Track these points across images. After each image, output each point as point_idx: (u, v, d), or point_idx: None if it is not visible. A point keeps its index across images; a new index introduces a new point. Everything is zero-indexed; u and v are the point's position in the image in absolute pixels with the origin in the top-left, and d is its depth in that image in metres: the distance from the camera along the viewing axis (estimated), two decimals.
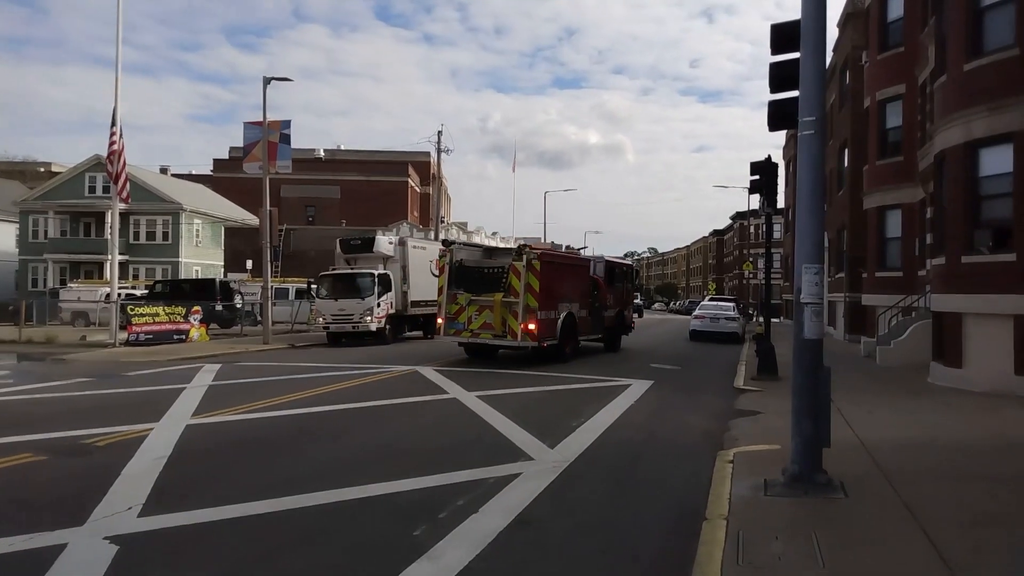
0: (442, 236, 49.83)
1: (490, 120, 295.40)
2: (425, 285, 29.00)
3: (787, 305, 54.74)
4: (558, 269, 20.89)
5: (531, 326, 19.24)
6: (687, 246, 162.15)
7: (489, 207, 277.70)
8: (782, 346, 21.23)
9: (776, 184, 16.49)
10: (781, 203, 55.26)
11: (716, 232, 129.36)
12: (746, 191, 33.07)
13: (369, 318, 26.17)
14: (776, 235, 68.06)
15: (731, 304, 36.39)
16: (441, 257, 20.97)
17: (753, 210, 43.74)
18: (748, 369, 19.23)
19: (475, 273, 20.44)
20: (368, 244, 27.72)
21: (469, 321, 19.99)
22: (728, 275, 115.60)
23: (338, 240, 29.23)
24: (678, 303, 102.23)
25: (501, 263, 20.41)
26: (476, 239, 59.46)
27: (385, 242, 27.83)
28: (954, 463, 8.64)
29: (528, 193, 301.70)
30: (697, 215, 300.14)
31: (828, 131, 36.19)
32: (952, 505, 6.92)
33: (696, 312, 34.39)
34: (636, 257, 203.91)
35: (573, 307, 21.73)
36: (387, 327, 26.84)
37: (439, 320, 20.53)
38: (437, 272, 21.78)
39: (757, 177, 16.49)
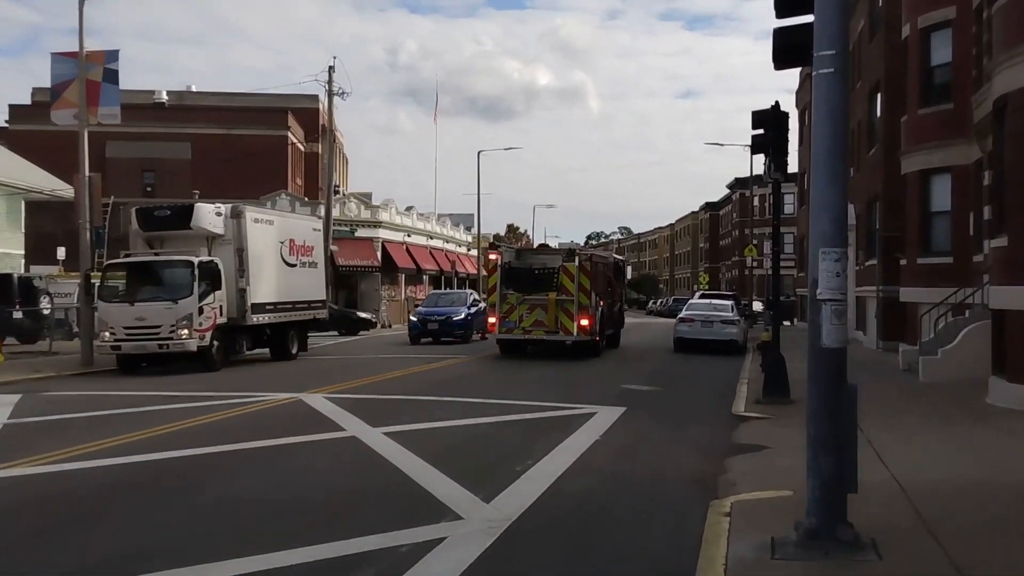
0: (335, 212, 49.55)
1: (402, 52, 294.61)
2: (275, 280, 27.36)
3: (802, 303, 56.15)
4: (598, 268, 30.58)
5: (584, 322, 28.54)
6: (671, 225, 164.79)
7: (402, 171, 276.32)
8: (796, 358, 21.67)
9: (786, 141, 16.87)
10: (794, 167, 56.49)
11: (709, 206, 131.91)
12: (747, 150, 33.58)
13: (186, 332, 23.89)
14: (788, 209, 69.41)
15: (729, 302, 37.29)
16: (490, 259, 30.29)
17: (757, 176, 44.56)
18: (751, 389, 19.73)
19: (524, 274, 29.43)
20: (183, 216, 25.43)
21: (520, 320, 28.94)
22: (725, 263, 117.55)
23: (134, 211, 26.54)
24: (659, 301, 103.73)
25: (550, 264, 29.58)
26: (383, 216, 59.36)
27: (210, 213, 25.51)
28: (1020, 511, 8.90)
29: (456, 153, 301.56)
30: (684, 183, 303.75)
31: (854, 70, 37.08)
32: (1018, 569, 7.12)
33: (683, 314, 35.22)
34: (603, 241, 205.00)
35: (604, 304, 31.03)
36: (214, 345, 24.78)
37: (491, 320, 29.56)
38: (487, 273, 32.56)
39: (761, 132, 16.85)
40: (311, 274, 30.27)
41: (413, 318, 39.28)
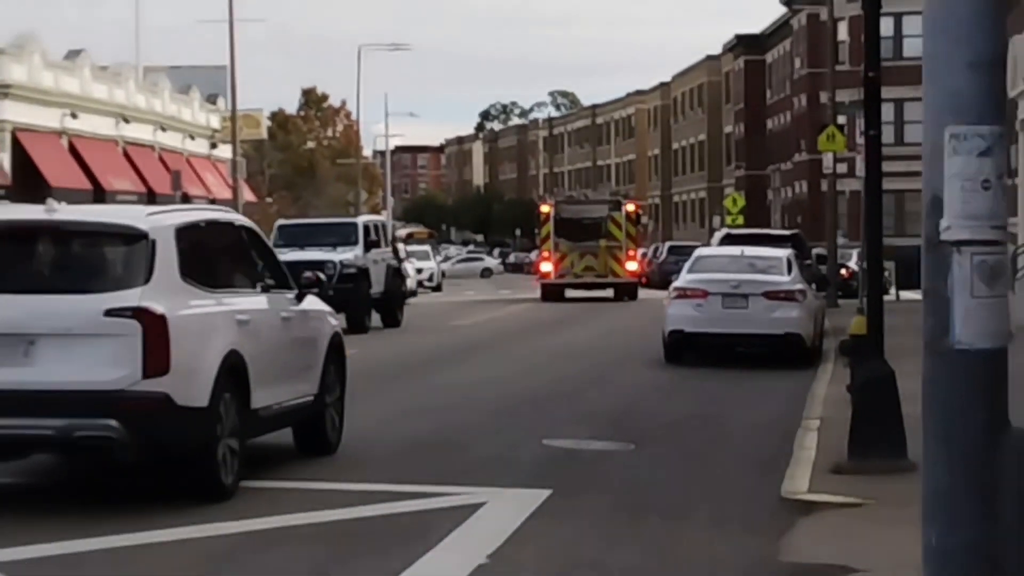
0: None
1: None
2: None
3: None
4: (640, 216, 43.93)
5: (632, 265, 39.21)
6: (662, 86, 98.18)
7: None
8: (914, 369, 11.47)
9: None
10: None
11: (744, 43, 76.53)
12: None
13: None
14: (911, 49, 44.78)
15: (783, 253, 21.71)
16: (544, 210, 39.98)
17: None
18: (826, 442, 11.91)
19: (572, 224, 38.63)
20: None
21: (572, 265, 38.18)
22: (779, 168, 69.12)
23: None
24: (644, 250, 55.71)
25: (597, 214, 39.26)
26: (15, 72, 33.58)
27: None
28: None
29: None
30: None
31: None
32: None
33: (683, 279, 20.61)
34: (519, 123, 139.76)
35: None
36: None
37: (545, 268, 38.82)
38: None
39: None
40: None
41: None
